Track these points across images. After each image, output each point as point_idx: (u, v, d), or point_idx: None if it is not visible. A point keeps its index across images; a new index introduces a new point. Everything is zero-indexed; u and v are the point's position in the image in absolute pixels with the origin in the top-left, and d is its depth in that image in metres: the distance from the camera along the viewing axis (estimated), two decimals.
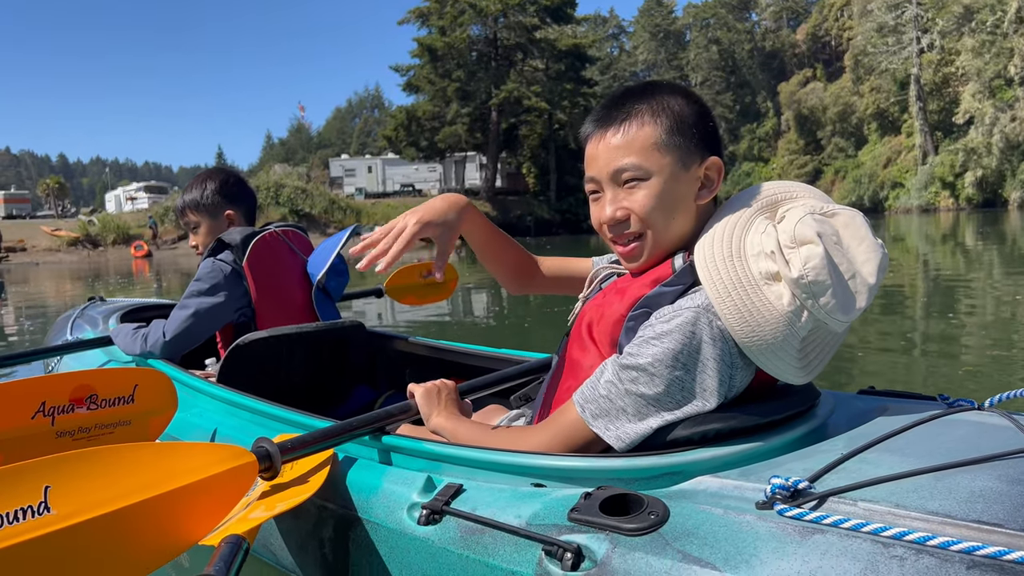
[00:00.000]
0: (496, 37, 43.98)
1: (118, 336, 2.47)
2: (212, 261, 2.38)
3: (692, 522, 1.06)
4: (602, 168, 1.32)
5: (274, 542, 1.64)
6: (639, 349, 1.22)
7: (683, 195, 1.30)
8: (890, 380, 4.12)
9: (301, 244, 2.65)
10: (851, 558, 0.93)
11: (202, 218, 2.53)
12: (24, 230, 32.92)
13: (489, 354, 2.46)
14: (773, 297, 1.17)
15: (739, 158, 73.38)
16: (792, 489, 1.05)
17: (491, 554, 1.17)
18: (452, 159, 47.40)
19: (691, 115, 1.30)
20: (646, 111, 1.29)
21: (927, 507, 0.98)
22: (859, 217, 1.24)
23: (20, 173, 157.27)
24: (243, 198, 2.59)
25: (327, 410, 2.37)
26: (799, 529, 0.99)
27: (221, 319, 2.36)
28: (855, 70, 59.92)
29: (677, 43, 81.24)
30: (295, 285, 2.54)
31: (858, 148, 61.43)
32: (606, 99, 1.38)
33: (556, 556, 1.08)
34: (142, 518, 1.10)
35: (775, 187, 1.33)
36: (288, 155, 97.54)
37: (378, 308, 7.74)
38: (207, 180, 2.54)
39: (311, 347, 2.40)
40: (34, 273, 22.36)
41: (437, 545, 1.24)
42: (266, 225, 2.56)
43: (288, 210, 35.10)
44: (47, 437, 1.63)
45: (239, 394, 1.91)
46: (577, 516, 1.12)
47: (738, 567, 0.97)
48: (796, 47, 76.42)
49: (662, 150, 1.28)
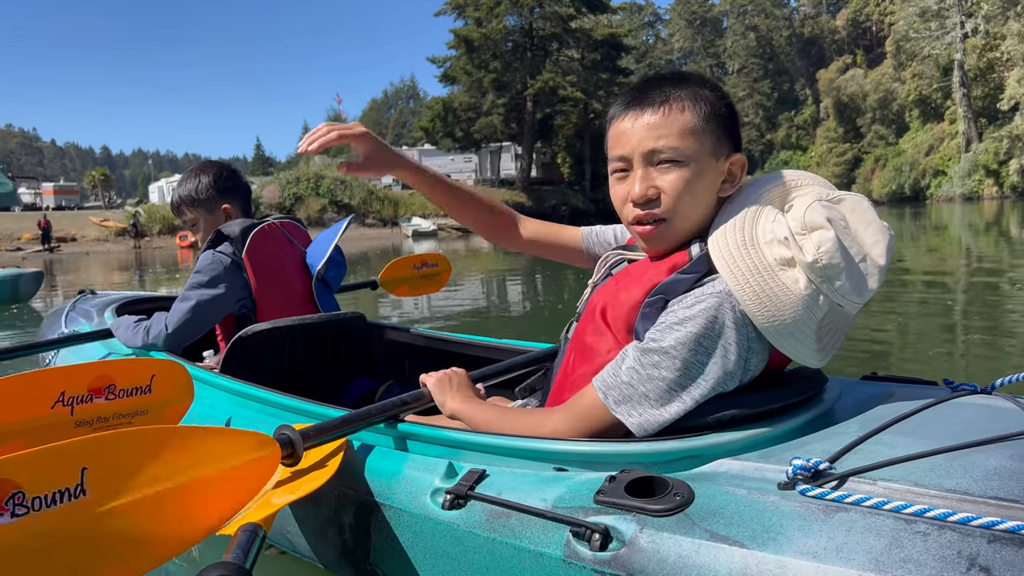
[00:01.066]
0: (532, 27, 43.99)
1: (119, 329, 2.48)
2: (212, 253, 2.37)
3: (717, 503, 1.08)
4: (636, 146, 1.32)
5: (291, 529, 1.65)
6: (661, 334, 1.23)
7: (709, 185, 1.32)
8: (936, 369, 4.10)
9: (299, 236, 2.66)
10: (876, 534, 0.95)
11: (199, 213, 2.51)
12: (74, 221, 33.71)
13: (490, 344, 2.48)
14: (790, 282, 1.20)
15: (777, 146, 72.57)
16: (813, 470, 1.07)
17: (518, 536, 1.19)
18: (488, 149, 47.57)
19: (722, 108, 1.32)
20: (686, 97, 1.30)
21: (945, 485, 1.00)
22: (864, 202, 1.28)
23: (65, 165, 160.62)
24: (238, 191, 2.57)
25: (327, 401, 2.36)
26: (823, 508, 1.02)
27: (222, 310, 2.37)
28: (897, 56, 58.87)
29: (714, 30, 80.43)
30: (295, 276, 2.55)
31: (899, 136, 60.43)
32: (638, 82, 1.39)
33: (584, 537, 1.10)
34: (171, 503, 1.12)
35: (781, 177, 1.36)
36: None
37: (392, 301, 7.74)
38: (200, 174, 2.51)
39: (313, 338, 2.42)
40: (84, 263, 22.98)
41: (463, 529, 1.25)
42: (264, 217, 2.55)
43: (328, 201, 35.47)
44: (66, 426, 1.64)
45: (251, 385, 1.93)
46: (603, 498, 1.14)
47: (766, 544, 0.99)
48: (836, 33, 75.27)
49: (698, 137, 1.29)
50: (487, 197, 1.82)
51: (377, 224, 36.40)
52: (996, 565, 0.88)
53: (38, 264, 19.04)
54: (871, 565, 0.92)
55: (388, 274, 3.42)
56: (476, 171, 48.37)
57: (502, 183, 46.21)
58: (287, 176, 37.82)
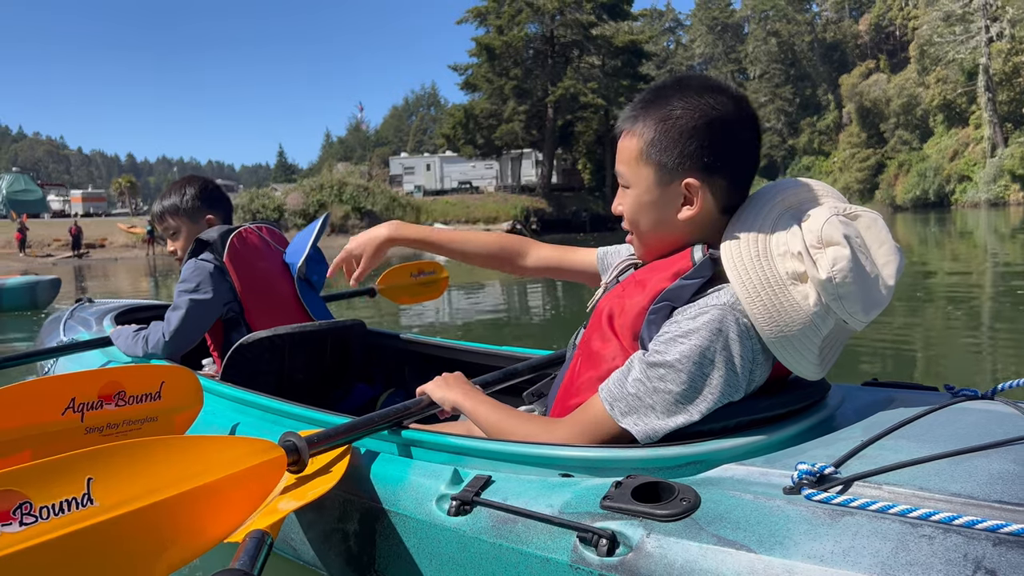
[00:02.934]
0: (553, 35, 44.10)
1: (119, 338, 2.51)
2: (194, 261, 2.42)
3: (723, 507, 1.09)
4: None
5: (295, 537, 1.65)
6: (666, 347, 1.24)
7: (660, 208, 1.34)
8: (963, 373, 4.11)
9: (277, 239, 2.70)
10: (882, 538, 0.96)
11: (182, 223, 2.57)
12: (102, 227, 34.24)
13: (492, 351, 2.48)
14: (800, 297, 1.20)
15: (799, 152, 72.17)
16: (818, 474, 1.07)
17: (525, 542, 1.19)
18: (508, 156, 47.71)
19: (686, 129, 1.29)
20: (645, 120, 1.33)
21: (949, 489, 1.01)
22: (879, 220, 1.27)
23: (91, 172, 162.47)
24: (221, 203, 2.64)
25: (328, 409, 2.38)
26: (829, 512, 1.02)
27: (212, 315, 2.40)
28: (920, 60, 58.44)
29: (735, 36, 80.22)
30: (278, 277, 2.57)
31: (923, 141, 59.88)
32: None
33: (591, 543, 1.11)
34: (178, 511, 1.12)
35: (795, 184, 1.34)
36: (346, 153, 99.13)
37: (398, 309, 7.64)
38: (186, 185, 2.59)
39: (312, 346, 2.42)
40: (112, 268, 23.30)
41: (469, 535, 1.26)
42: (240, 224, 2.61)
43: (351, 208, 35.72)
44: (76, 433, 1.65)
45: (255, 393, 1.94)
46: (609, 504, 1.14)
47: (773, 548, 0.99)
48: (858, 38, 74.81)
49: (641, 163, 1.34)
50: (494, 238, 1.95)
51: None
52: (1002, 568, 0.88)
53: (68, 270, 19.39)
54: (878, 568, 0.92)
55: (385, 282, 3.43)
56: (497, 177, 48.55)
57: (523, 189, 46.32)
58: (310, 183, 38.08)
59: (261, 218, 33.37)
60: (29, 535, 0.96)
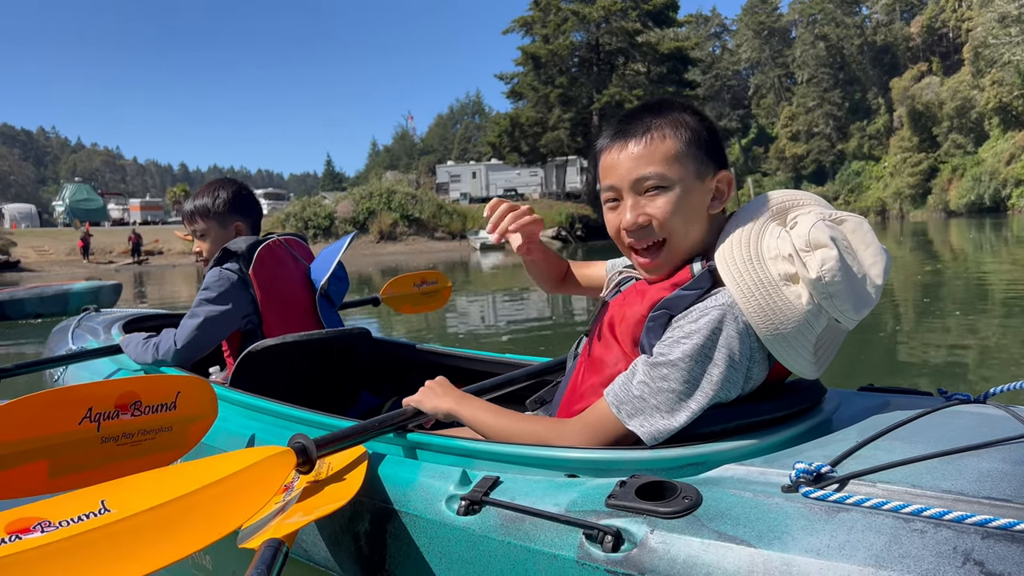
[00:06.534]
0: (598, 43, 44.18)
1: (128, 346, 2.51)
2: (219, 270, 2.41)
3: (724, 505, 1.13)
4: (623, 177, 1.39)
5: (306, 539, 1.68)
6: (668, 348, 1.30)
7: (698, 204, 1.38)
8: (983, 378, 4.05)
9: (303, 252, 2.72)
10: (876, 532, 1.01)
11: (211, 226, 2.54)
12: (159, 235, 35.34)
13: (495, 359, 2.52)
14: (792, 297, 1.26)
15: (848, 157, 71.09)
16: (815, 473, 1.12)
17: (533, 540, 1.23)
18: (553, 163, 47.84)
19: (703, 131, 1.39)
20: (666, 125, 1.37)
21: (941, 486, 1.06)
22: (865, 224, 1.33)
23: (146, 182, 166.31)
24: (251, 211, 2.61)
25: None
26: (825, 508, 1.07)
27: (229, 326, 2.40)
28: (975, 63, 57.21)
29: (782, 40, 79.40)
30: (299, 291, 2.58)
31: (978, 144, 58.50)
32: (623, 114, 1.46)
33: (597, 539, 1.15)
34: (187, 506, 1.14)
35: (782, 195, 1.41)
36: (392, 161, 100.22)
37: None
38: (219, 189, 2.55)
39: (318, 354, 2.45)
40: (170, 275, 23.89)
41: (478, 534, 1.30)
42: (269, 234, 2.60)
43: (400, 215, 36.24)
44: (92, 443, 1.66)
45: (272, 401, 1.96)
46: (614, 502, 1.19)
47: (772, 543, 1.04)
48: (910, 40, 73.43)
49: (681, 161, 1.36)
50: (560, 260, 1.93)
51: (446, 237, 37.01)
52: (989, 559, 0.93)
53: (128, 276, 20.07)
54: (872, 561, 0.97)
55: (389, 291, 3.46)
56: (542, 184, 48.72)
57: (567, 196, 46.44)
58: (360, 191, 38.61)
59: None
60: (47, 536, 1.00)
